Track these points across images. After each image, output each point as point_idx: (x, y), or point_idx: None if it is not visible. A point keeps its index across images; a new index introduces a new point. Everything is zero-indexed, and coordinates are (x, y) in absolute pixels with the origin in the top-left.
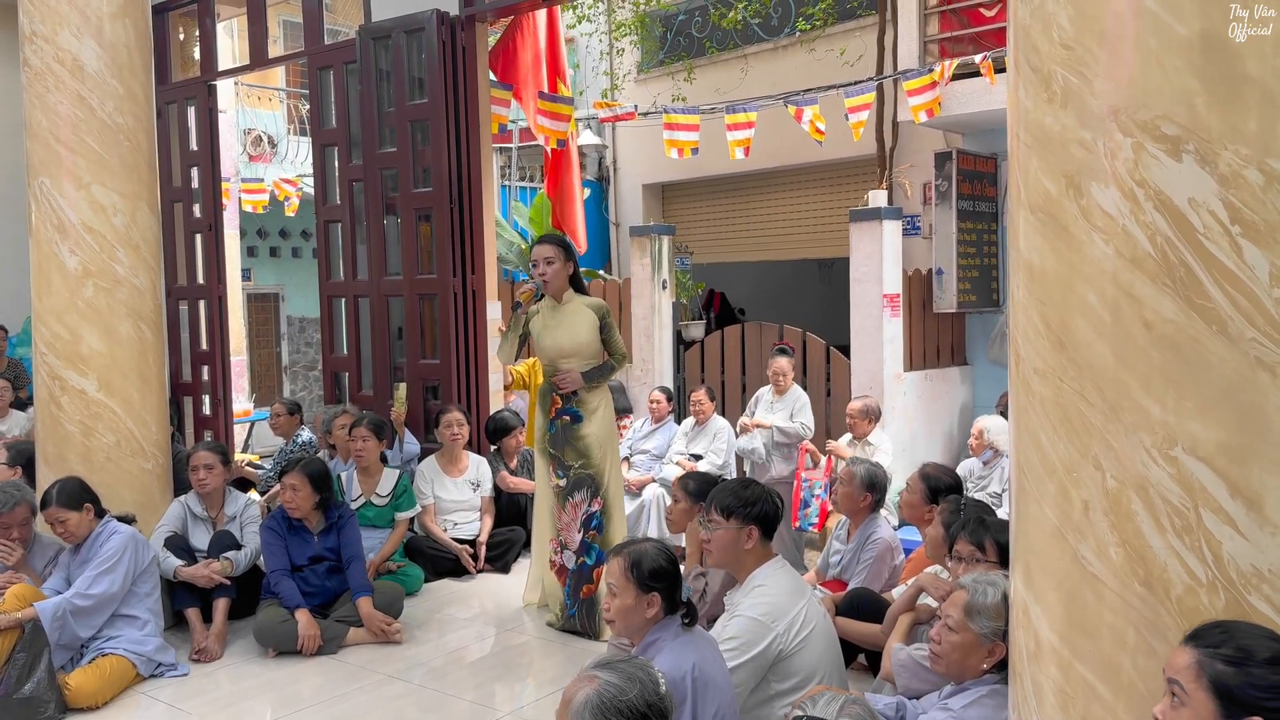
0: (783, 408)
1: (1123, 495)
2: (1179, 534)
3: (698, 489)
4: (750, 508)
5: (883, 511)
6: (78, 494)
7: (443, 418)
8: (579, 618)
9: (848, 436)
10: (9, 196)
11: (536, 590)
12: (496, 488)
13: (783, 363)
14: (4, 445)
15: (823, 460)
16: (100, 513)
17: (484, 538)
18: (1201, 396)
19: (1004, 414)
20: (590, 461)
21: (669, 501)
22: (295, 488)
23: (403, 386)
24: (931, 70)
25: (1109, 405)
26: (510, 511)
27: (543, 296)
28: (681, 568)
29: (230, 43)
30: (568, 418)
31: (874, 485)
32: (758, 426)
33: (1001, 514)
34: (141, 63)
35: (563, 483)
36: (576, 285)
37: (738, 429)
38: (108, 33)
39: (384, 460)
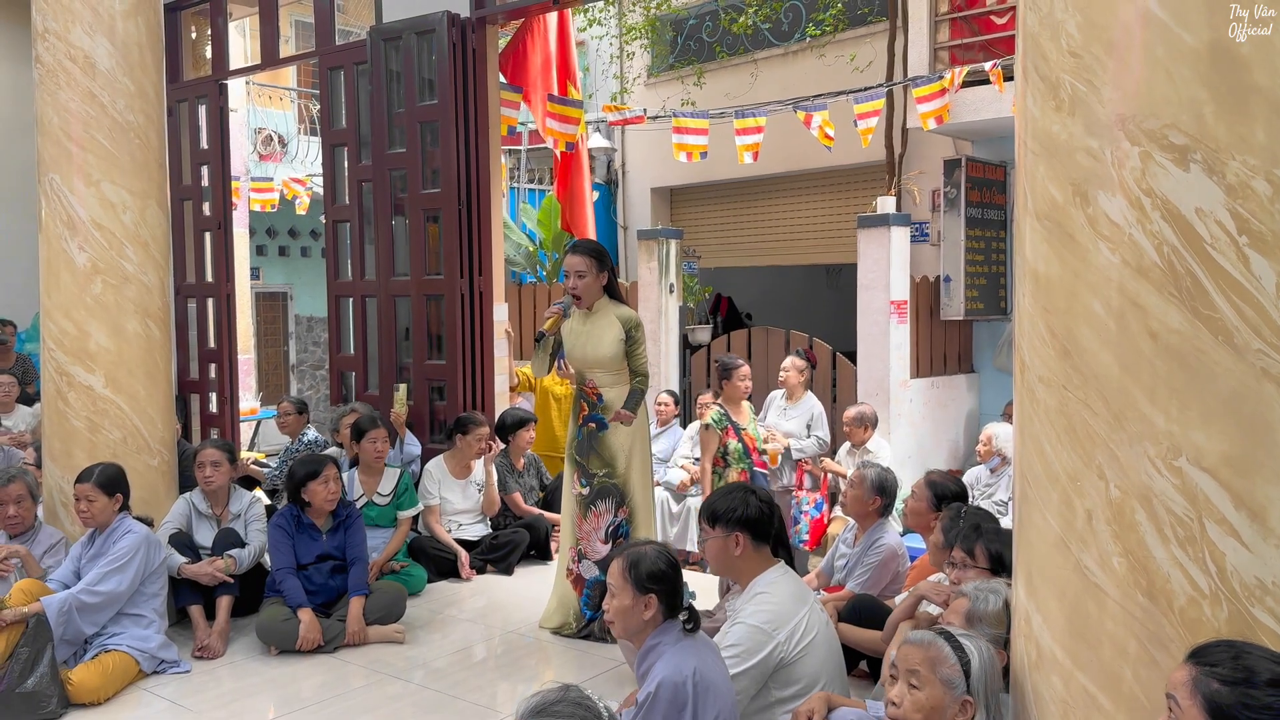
0: (797, 415)
1: (1126, 505)
2: (1182, 545)
3: None
4: (731, 514)
5: (890, 518)
6: (115, 481)
7: (475, 429)
8: (599, 624)
9: (847, 445)
10: (19, 193)
11: (555, 618)
12: (504, 481)
13: (787, 361)
14: (32, 446)
15: (820, 478)
16: (124, 507)
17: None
18: (1206, 407)
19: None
20: (615, 470)
21: (673, 506)
22: (331, 480)
23: (403, 387)
24: (941, 77)
25: (1113, 414)
26: (515, 513)
27: (569, 315)
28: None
29: (242, 42)
30: (593, 425)
31: (884, 489)
32: (773, 441)
33: (1006, 522)
34: (153, 61)
35: (586, 491)
36: (613, 292)
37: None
38: (120, 30)
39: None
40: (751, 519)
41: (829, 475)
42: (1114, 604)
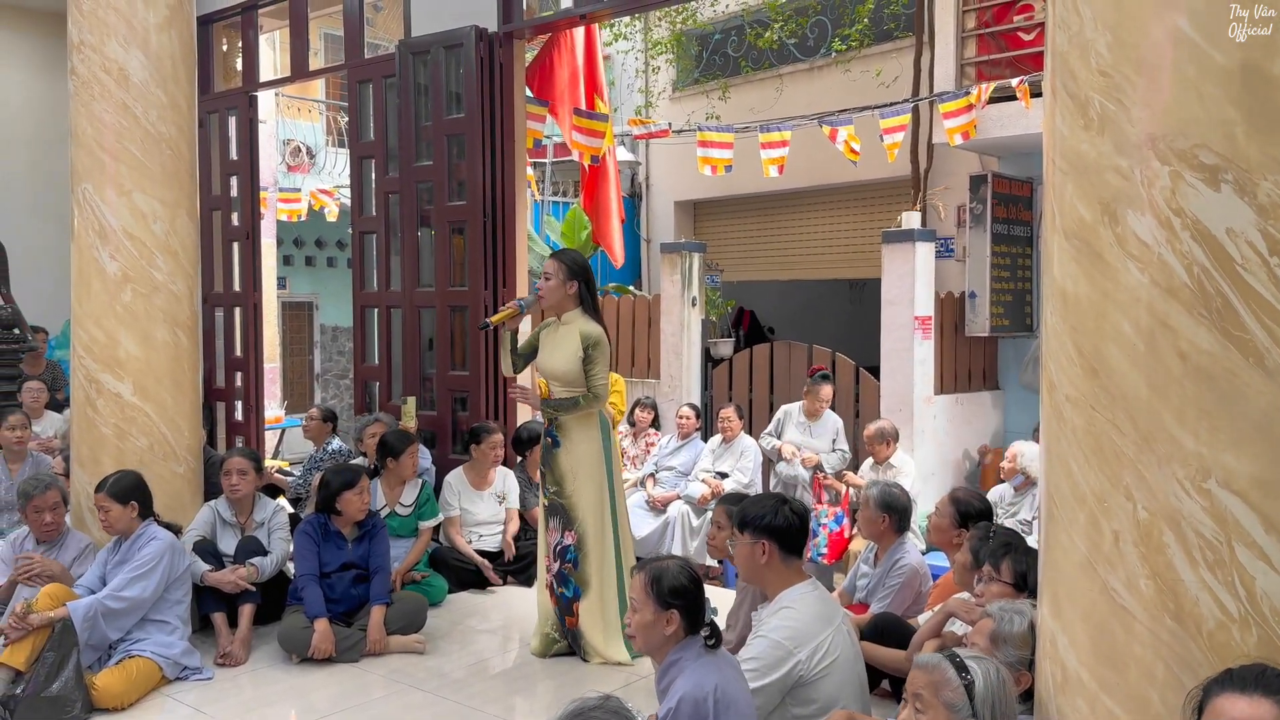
0: (823, 433)
1: (1154, 527)
2: (1211, 568)
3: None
4: (759, 521)
5: (910, 536)
6: (129, 489)
7: (489, 437)
8: (570, 641)
9: (869, 461)
10: (53, 202)
11: (536, 635)
12: (523, 497)
13: (828, 390)
14: (60, 453)
15: (841, 492)
16: (146, 514)
17: (509, 537)
18: (1236, 429)
19: None
20: (562, 491)
21: (694, 520)
22: (365, 490)
23: (411, 400)
24: (968, 93)
25: (1142, 435)
26: (535, 528)
27: (525, 312)
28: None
29: (272, 54)
30: (549, 440)
31: (890, 506)
32: (804, 460)
33: (1031, 542)
34: (185, 73)
35: (547, 503)
36: (587, 307)
37: (776, 454)
38: (153, 43)
39: None
40: (779, 528)
41: (849, 489)
42: (1141, 627)
